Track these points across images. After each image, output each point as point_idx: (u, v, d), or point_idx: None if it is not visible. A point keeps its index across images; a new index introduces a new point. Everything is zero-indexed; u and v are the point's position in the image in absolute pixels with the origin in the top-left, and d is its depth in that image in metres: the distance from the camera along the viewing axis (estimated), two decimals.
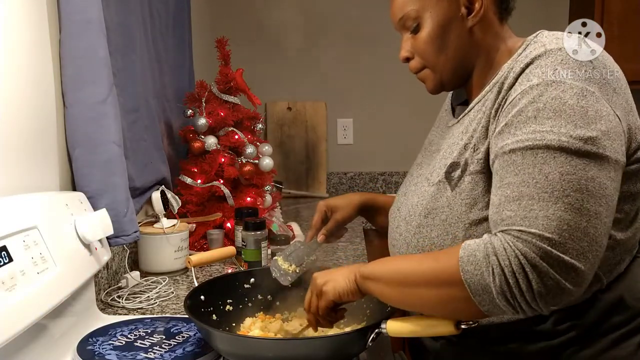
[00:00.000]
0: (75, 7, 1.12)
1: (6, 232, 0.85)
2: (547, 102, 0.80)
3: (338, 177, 2.78)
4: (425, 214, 0.96)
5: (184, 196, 1.68)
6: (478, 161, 0.89)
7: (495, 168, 0.84)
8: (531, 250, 0.74)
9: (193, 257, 1.21)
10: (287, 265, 1.12)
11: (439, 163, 0.98)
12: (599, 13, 2.36)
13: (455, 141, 0.96)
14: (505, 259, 0.75)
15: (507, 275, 0.75)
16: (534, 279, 0.74)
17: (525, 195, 0.77)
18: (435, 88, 1.02)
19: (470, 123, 0.94)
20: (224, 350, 0.95)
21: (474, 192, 0.89)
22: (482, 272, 0.76)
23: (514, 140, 0.81)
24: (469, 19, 0.95)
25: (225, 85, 1.81)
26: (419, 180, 1.03)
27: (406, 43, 1.01)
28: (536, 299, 0.75)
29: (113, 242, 1.19)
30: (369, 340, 0.89)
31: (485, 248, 0.77)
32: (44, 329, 0.97)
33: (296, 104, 2.73)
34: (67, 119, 1.16)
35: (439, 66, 0.98)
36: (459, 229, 0.90)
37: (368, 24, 2.66)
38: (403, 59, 1.03)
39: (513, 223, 0.77)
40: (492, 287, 0.76)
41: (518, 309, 0.76)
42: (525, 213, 0.76)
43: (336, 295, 0.92)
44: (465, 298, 0.78)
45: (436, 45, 0.96)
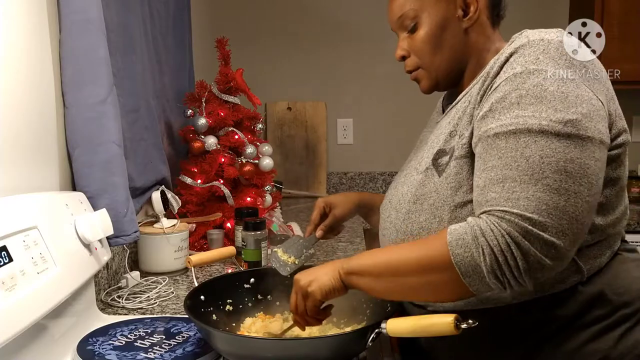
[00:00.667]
0: (75, 7, 1.12)
1: (6, 232, 0.84)
2: (530, 89, 0.84)
3: (338, 177, 2.78)
4: (414, 200, 0.99)
5: (184, 196, 1.68)
6: (462, 146, 0.93)
7: (479, 151, 0.88)
8: (514, 229, 0.79)
9: (193, 257, 1.21)
10: (286, 257, 1.14)
11: (426, 153, 1.02)
12: (599, 13, 2.36)
13: (442, 131, 1.01)
14: (493, 238, 0.79)
15: (496, 254, 0.79)
16: (518, 256, 0.78)
17: (508, 178, 0.82)
18: (430, 87, 1.06)
19: (456, 113, 0.99)
20: (224, 350, 0.95)
21: (459, 175, 0.93)
22: (472, 253, 0.80)
23: (497, 125, 0.85)
24: (465, 20, 1.00)
25: (225, 85, 1.81)
26: (408, 171, 1.07)
27: (403, 42, 1.05)
28: (522, 275, 0.79)
29: (113, 242, 1.19)
30: (369, 340, 0.89)
31: (473, 230, 0.81)
32: (44, 329, 0.97)
33: (296, 104, 2.73)
34: (67, 119, 1.16)
35: (434, 65, 1.02)
36: (445, 212, 0.94)
37: (368, 24, 2.66)
38: (399, 58, 1.07)
39: (497, 204, 0.81)
40: (483, 266, 0.80)
41: (506, 284, 0.81)
42: (508, 195, 0.81)
43: (323, 295, 0.94)
44: (455, 280, 0.82)
45: (433, 44, 1.01)
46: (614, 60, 2.21)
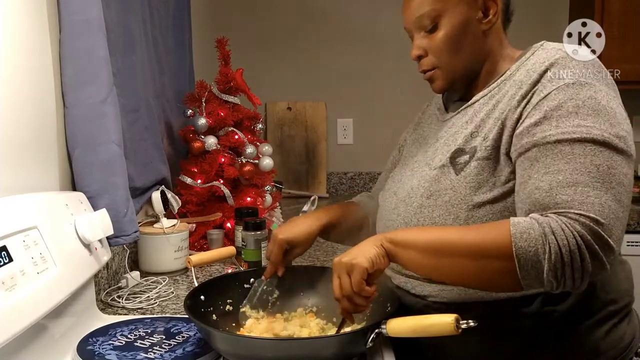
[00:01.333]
0: (75, 7, 1.12)
1: (6, 232, 0.84)
2: (585, 101, 0.89)
3: (338, 177, 2.78)
4: (427, 195, 1.00)
5: (184, 196, 1.68)
6: (486, 148, 0.96)
7: (533, 155, 0.89)
8: (587, 232, 0.81)
9: (193, 257, 1.21)
10: (255, 314, 1.11)
11: (440, 150, 1.04)
12: (599, 13, 2.36)
13: (459, 130, 1.02)
14: (563, 238, 0.81)
15: (563, 254, 0.81)
16: (586, 258, 0.81)
17: (580, 183, 0.84)
18: (444, 88, 1.08)
19: (476, 114, 1.01)
20: (224, 350, 0.95)
21: (480, 176, 0.95)
22: (537, 249, 0.82)
23: (558, 132, 0.88)
24: (484, 22, 1.02)
25: (225, 85, 1.81)
26: (416, 166, 1.08)
27: (420, 41, 1.06)
28: (582, 276, 0.82)
29: (113, 242, 1.19)
30: (369, 340, 0.89)
31: (542, 227, 0.82)
32: (44, 329, 0.97)
33: (296, 104, 2.73)
34: (67, 119, 1.16)
35: (452, 66, 1.04)
36: (462, 210, 0.95)
37: (368, 24, 2.66)
38: (415, 57, 1.08)
39: (571, 207, 0.83)
40: (545, 263, 0.81)
41: (561, 284, 0.83)
42: (583, 198, 0.83)
43: (369, 262, 0.91)
44: (508, 271, 0.83)
45: (453, 45, 1.02)
46: (614, 60, 2.21)
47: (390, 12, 2.64)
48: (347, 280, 0.93)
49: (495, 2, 1.02)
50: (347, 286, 0.93)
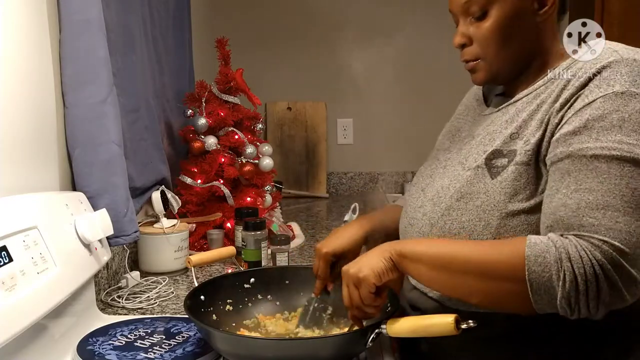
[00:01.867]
0: (75, 7, 1.12)
1: (6, 232, 0.84)
2: (632, 114, 0.81)
3: (338, 177, 2.78)
4: (457, 197, 0.94)
5: (184, 196, 1.68)
6: (526, 152, 0.89)
7: (567, 168, 0.83)
8: (607, 260, 0.76)
9: (193, 257, 1.21)
10: (310, 333, 1.06)
11: (475, 149, 0.96)
12: (599, 13, 2.36)
13: (497, 129, 0.95)
14: (580, 266, 0.76)
15: (578, 282, 0.76)
16: (603, 288, 0.76)
17: (610, 206, 0.78)
18: (486, 81, 0.99)
19: (518, 114, 0.93)
20: (224, 350, 0.95)
21: (516, 182, 0.88)
22: (551, 275, 0.77)
23: (597, 146, 0.81)
24: (539, 14, 0.93)
25: (225, 85, 1.81)
26: (449, 163, 1.01)
27: (465, 28, 0.97)
28: (598, 306, 0.77)
29: (113, 242, 1.19)
30: (369, 340, 0.89)
31: (558, 252, 0.77)
32: (44, 329, 0.97)
33: (296, 104, 2.73)
34: (67, 119, 1.16)
35: (498, 59, 0.95)
36: (494, 217, 0.89)
37: (368, 24, 2.66)
38: (457, 45, 0.99)
39: (596, 231, 0.77)
40: (559, 290, 0.77)
41: (575, 311, 0.78)
42: (611, 224, 0.77)
43: (377, 277, 0.88)
44: (520, 294, 0.79)
45: (501, 36, 0.93)
46: None
47: (391, 11, 2.64)
48: (356, 293, 0.91)
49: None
50: (357, 299, 0.92)
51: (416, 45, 2.66)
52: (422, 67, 2.68)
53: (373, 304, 0.92)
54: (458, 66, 1.02)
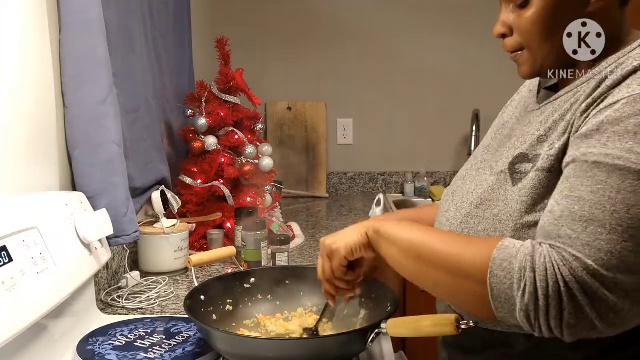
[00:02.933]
0: (75, 7, 1.12)
1: (6, 232, 0.85)
2: None
3: (338, 177, 2.78)
4: (477, 204, 0.86)
5: (184, 196, 1.68)
6: (549, 157, 0.79)
7: (568, 172, 0.75)
8: (577, 280, 0.67)
9: (193, 257, 1.21)
10: None
11: (507, 152, 0.87)
12: None
13: (530, 130, 0.86)
14: (543, 279, 0.69)
15: (538, 297, 0.69)
16: (567, 309, 0.68)
17: (595, 220, 0.69)
18: (531, 75, 0.89)
19: (552, 114, 0.84)
20: (223, 350, 0.95)
21: (536, 191, 0.79)
22: (512, 283, 0.71)
23: (602, 152, 0.71)
24: (592, 2, 0.81)
25: (225, 85, 1.81)
26: (482, 166, 0.93)
27: (506, 16, 0.87)
28: (561, 327, 0.69)
29: (113, 242, 1.19)
30: (369, 340, 0.89)
31: (524, 259, 0.71)
32: (44, 329, 0.97)
33: (296, 104, 2.73)
34: (67, 119, 1.16)
35: (542, 51, 0.85)
36: (508, 229, 0.80)
37: (368, 24, 2.66)
38: (498, 35, 0.89)
39: (571, 245, 0.69)
40: (517, 301, 0.70)
41: (536, 329, 0.71)
42: (589, 240, 0.68)
43: (348, 250, 0.87)
44: (482, 297, 0.73)
45: (545, 27, 0.82)
46: None
47: (391, 11, 2.64)
48: (328, 265, 0.91)
49: None
50: (328, 270, 0.91)
51: (416, 45, 2.66)
52: (422, 67, 2.68)
53: (344, 277, 0.91)
54: (458, 67, 1.02)
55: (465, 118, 2.61)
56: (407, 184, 2.67)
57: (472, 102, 2.60)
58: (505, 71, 1.48)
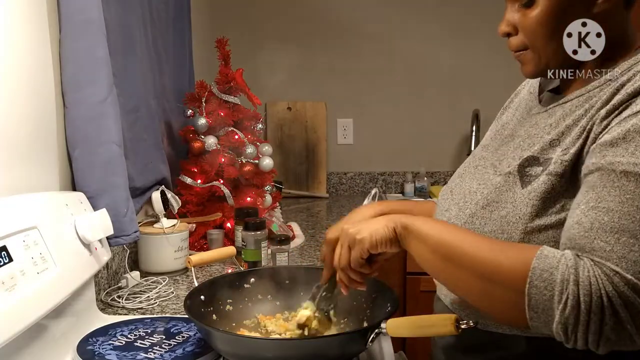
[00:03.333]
0: (75, 7, 1.12)
1: (6, 232, 0.84)
2: None
3: (338, 177, 2.78)
4: (483, 205, 0.85)
5: (184, 196, 1.68)
6: (562, 162, 0.79)
7: (593, 181, 0.74)
8: (619, 295, 0.67)
9: (193, 257, 1.21)
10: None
11: (512, 152, 0.88)
12: None
13: (539, 133, 0.86)
14: (587, 294, 0.68)
15: (581, 311, 0.68)
16: (609, 324, 0.68)
17: (627, 231, 0.69)
18: (535, 74, 0.90)
19: (564, 118, 0.83)
20: (223, 350, 0.95)
21: (546, 195, 0.79)
22: (553, 295, 0.69)
23: (631, 162, 0.71)
24: (598, 3, 0.81)
25: (225, 85, 1.81)
26: (482, 164, 0.93)
27: (511, 15, 0.87)
28: (599, 342, 0.69)
29: (113, 242, 1.19)
30: (369, 340, 0.89)
31: (567, 272, 0.69)
32: (44, 329, 0.97)
33: (296, 104, 2.73)
34: (67, 119, 1.16)
35: (547, 52, 0.85)
36: (517, 231, 0.80)
37: (369, 24, 2.66)
38: (503, 34, 0.89)
39: (608, 258, 0.69)
40: (557, 314, 0.69)
41: (571, 341, 0.70)
42: (625, 253, 0.68)
43: (372, 243, 0.84)
44: (517, 306, 0.72)
45: (550, 28, 0.83)
46: None
47: (391, 11, 2.64)
48: (347, 254, 0.87)
49: None
50: (345, 260, 0.88)
51: (416, 45, 2.66)
52: (423, 67, 2.68)
53: (359, 269, 0.88)
54: (458, 67, 1.02)
55: (465, 118, 2.61)
56: (407, 184, 2.67)
57: (472, 102, 2.60)
58: (505, 71, 1.49)
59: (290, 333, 1.05)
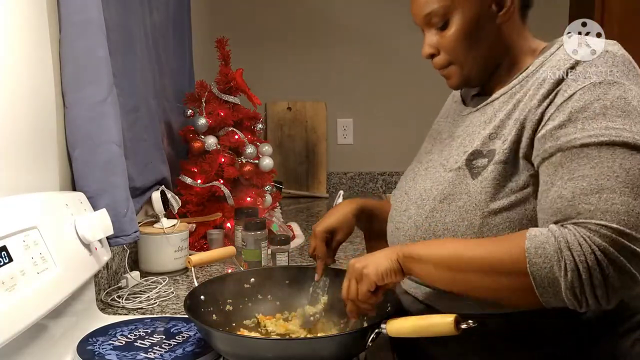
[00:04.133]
0: (75, 7, 1.12)
1: (6, 232, 0.84)
2: (614, 101, 0.82)
3: (338, 177, 2.78)
4: (440, 199, 0.96)
5: (184, 196, 1.68)
6: (504, 151, 0.91)
7: (558, 161, 0.84)
8: (609, 244, 0.75)
9: (193, 257, 1.21)
10: (312, 310, 1.10)
11: (456, 150, 0.99)
12: (599, 13, 2.35)
13: (476, 130, 0.98)
14: (580, 254, 0.75)
15: (580, 271, 0.75)
16: (610, 273, 0.75)
17: (605, 188, 0.78)
18: (460, 85, 1.03)
19: (496, 114, 0.96)
20: (223, 350, 0.95)
21: (496, 181, 0.90)
22: (552, 265, 0.77)
23: (584, 135, 0.82)
24: (499, 15, 0.96)
25: (225, 85, 1.81)
26: (430, 165, 1.04)
27: (430, 39, 1.00)
28: (607, 293, 0.76)
29: (113, 242, 1.19)
30: (369, 340, 0.89)
31: (557, 242, 0.77)
32: (44, 329, 0.97)
33: (296, 104, 2.73)
34: (67, 119, 1.16)
35: (468, 63, 0.99)
36: (476, 217, 0.91)
37: (368, 23, 2.66)
38: (427, 56, 1.03)
39: (592, 217, 0.77)
40: (562, 281, 0.76)
41: (583, 303, 0.77)
42: (607, 207, 0.77)
43: (379, 277, 0.90)
44: (525, 288, 0.79)
45: (466, 42, 0.97)
46: None
47: (391, 11, 2.64)
48: (355, 287, 0.94)
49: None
50: (354, 293, 0.94)
51: (417, 45, 2.65)
52: (423, 67, 2.68)
53: (368, 301, 0.94)
54: None
55: None
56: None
57: None
58: None
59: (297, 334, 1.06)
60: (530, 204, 0.89)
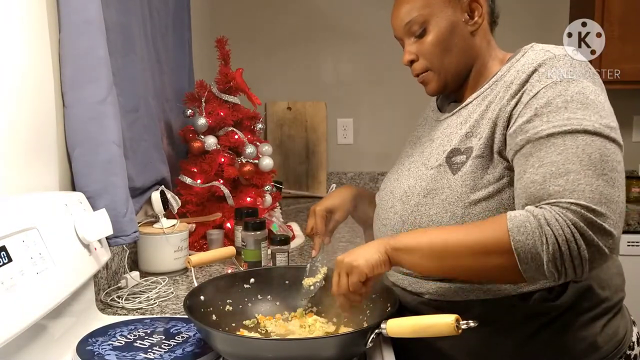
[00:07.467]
0: (75, 7, 1.12)
1: (6, 232, 0.84)
2: (574, 96, 0.92)
3: (338, 177, 2.78)
4: (424, 194, 1.04)
5: (184, 196, 1.68)
6: (480, 147, 0.99)
7: (529, 151, 0.92)
8: (579, 219, 0.83)
9: (193, 257, 1.21)
10: (312, 281, 1.15)
11: (436, 150, 1.08)
12: (599, 13, 2.36)
13: (454, 131, 1.07)
14: (558, 228, 0.83)
15: (560, 244, 0.83)
16: (581, 246, 0.83)
17: (571, 171, 0.86)
18: (438, 90, 1.12)
19: (470, 115, 1.05)
20: (223, 350, 0.95)
21: (475, 174, 0.99)
22: (535, 241, 0.84)
23: (549, 126, 0.91)
24: (470, 24, 1.07)
25: (225, 85, 1.81)
26: (412, 166, 1.12)
27: (410, 47, 1.11)
28: (582, 264, 0.84)
29: (113, 242, 1.19)
30: (369, 340, 0.89)
31: (537, 220, 0.85)
32: (43, 329, 0.97)
33: (296, 104, 2.73)
34: (67, 119, 1.16)
35: (444, 67, 1.09)
36: (458, 208, 0.99)
37: (368, 23, 2.66)
38: (407, 63, 1.12)
39: (562, 196, 0.85)
40: (544, 255, 0.84)
41: (562, 274, 0.85)
42: (574, 187, 0.85)
43: (369, 268, 0.95)
44: (510, 265, 0.86)
45: (442, 47, 1.07)
46: (614, 60, 2.21)
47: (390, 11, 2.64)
48: (345, 280, 0.98)
49: (480, 4, 1.07)
50: (344, 286, 0.98)
51: None
52: None
53: (359, 291, 0.98)
54: None
55: None
56: None
57: None
58: None
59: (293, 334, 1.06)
60: (506, 193, 0.98)
